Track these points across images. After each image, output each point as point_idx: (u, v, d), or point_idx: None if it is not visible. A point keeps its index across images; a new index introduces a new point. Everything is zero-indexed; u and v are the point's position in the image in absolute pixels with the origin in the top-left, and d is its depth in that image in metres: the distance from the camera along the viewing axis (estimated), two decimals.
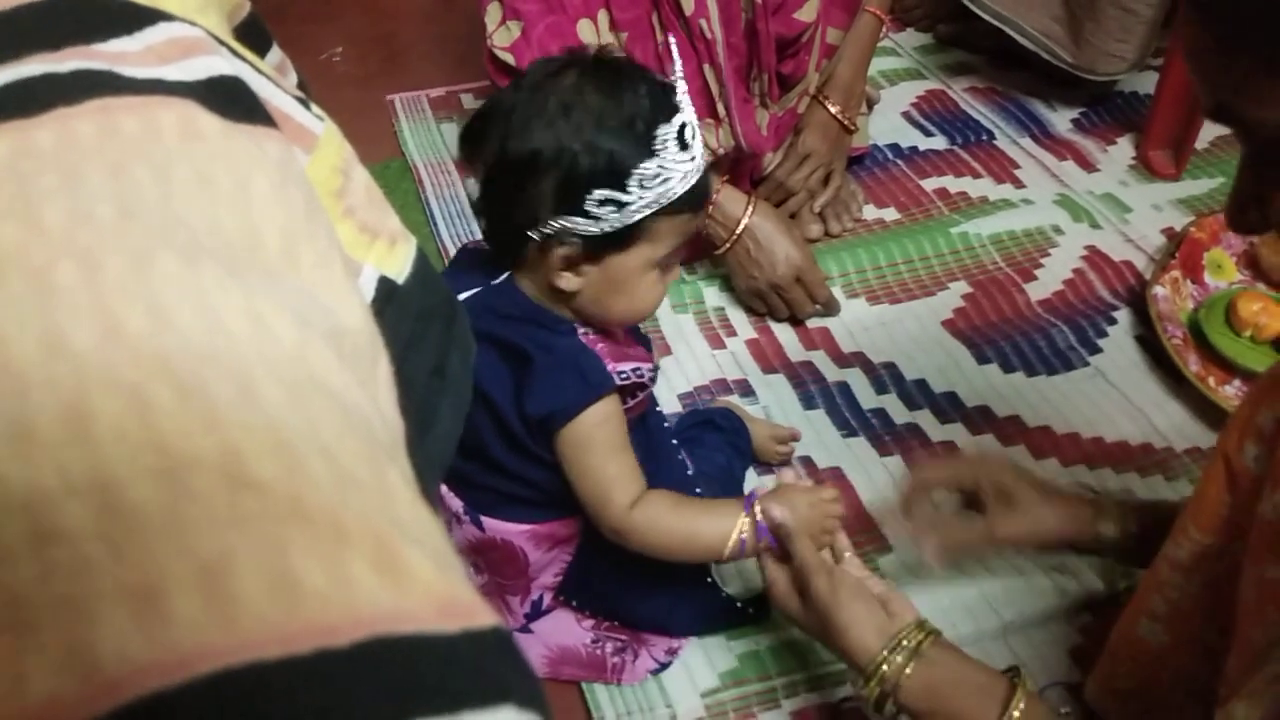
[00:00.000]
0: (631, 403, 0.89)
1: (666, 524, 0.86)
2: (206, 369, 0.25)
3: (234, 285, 0.27)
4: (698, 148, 0.81)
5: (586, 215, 0.78)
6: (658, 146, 0.78)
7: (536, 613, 0.96)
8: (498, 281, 0.87)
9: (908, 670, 0.76)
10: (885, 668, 0.76)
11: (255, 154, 0.33)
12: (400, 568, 0.24)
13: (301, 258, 0.31)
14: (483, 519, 0.90)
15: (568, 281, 0.82)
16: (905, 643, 0.77)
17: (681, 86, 0.81)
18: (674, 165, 0.79)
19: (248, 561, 0.22)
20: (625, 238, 0.81)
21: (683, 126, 0.79)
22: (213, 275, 0.27)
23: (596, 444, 0.84)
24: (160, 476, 0.23)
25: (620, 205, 0.78)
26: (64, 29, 0.35)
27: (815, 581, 0.81)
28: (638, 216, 0.79)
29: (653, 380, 0.91)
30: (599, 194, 0.78)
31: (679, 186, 0.80)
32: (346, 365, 0.28)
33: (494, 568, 0.94)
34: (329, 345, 0.28)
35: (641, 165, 0.78)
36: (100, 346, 0.24)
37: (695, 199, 0.83)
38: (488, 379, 0.83)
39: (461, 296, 0.85)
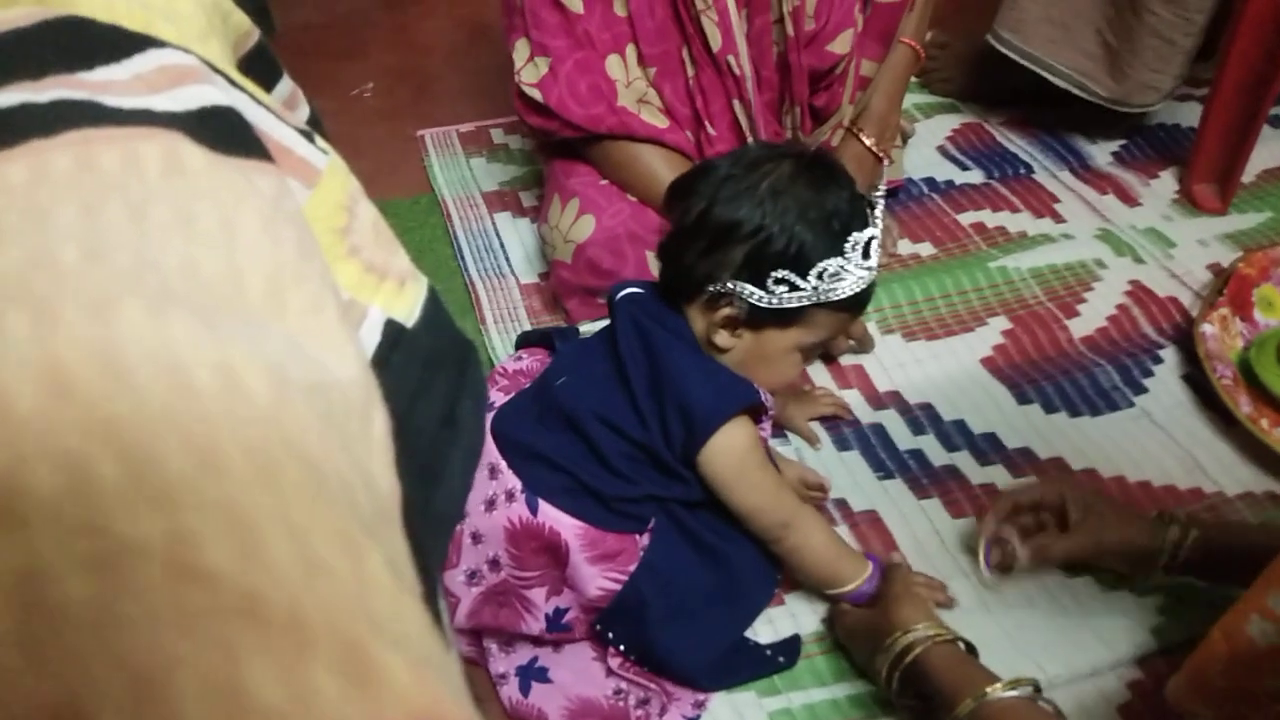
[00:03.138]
0: (763, 424, 0.96)
1: (814, 551, 0.95)
2: (162, 436, 0.22)
3: (205, 336, 0.24)
4: (875, 259, 0.89)
5: (763, 287, 0.87)
6: (846, 248, 0.87)
7: (555, 624, 0.93)
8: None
9: (931, 643, 0.84)
10: (919, 632, 0.85)
11: (244, 189, 0.30)
12: (372, 676, 0.20)
13: (289, 302, 0.28)
14: (540, 502, 0.89)
15: (724, 339, 0.91)
16: (945, 631, 0.86)
17: (880, 207, 0.91)
18: (853, 269, 0.87)
19: (190, 671, 0.19)
20: (787, 317, 0.89)
21: (871, 239, 0.88)
22: (182, 325, 0.24)
23: (749, 455, 0.91)
24: (95, 567, 0.20)
25: (794, 288, 0.87)
26: (48, 56, 0.33)
27: (893, 586, 0.92)
28: (805, 303, 0.88)
29: (770, 415, 0.98)
30: (780, 273, 0.86)
31: (850, 289, 0.88)
32: (330, 425, 0.25)
33: (523, 560, 0.91)
34: (311, 402, 0.25)
35: (825, 260, 0.86)
36: (44, 409, 0.21)
37: (859, 302, 0.91)
38: (629, 358, 0.91)
39: (625, 291, 0.95)
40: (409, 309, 0.40)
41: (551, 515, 0.89)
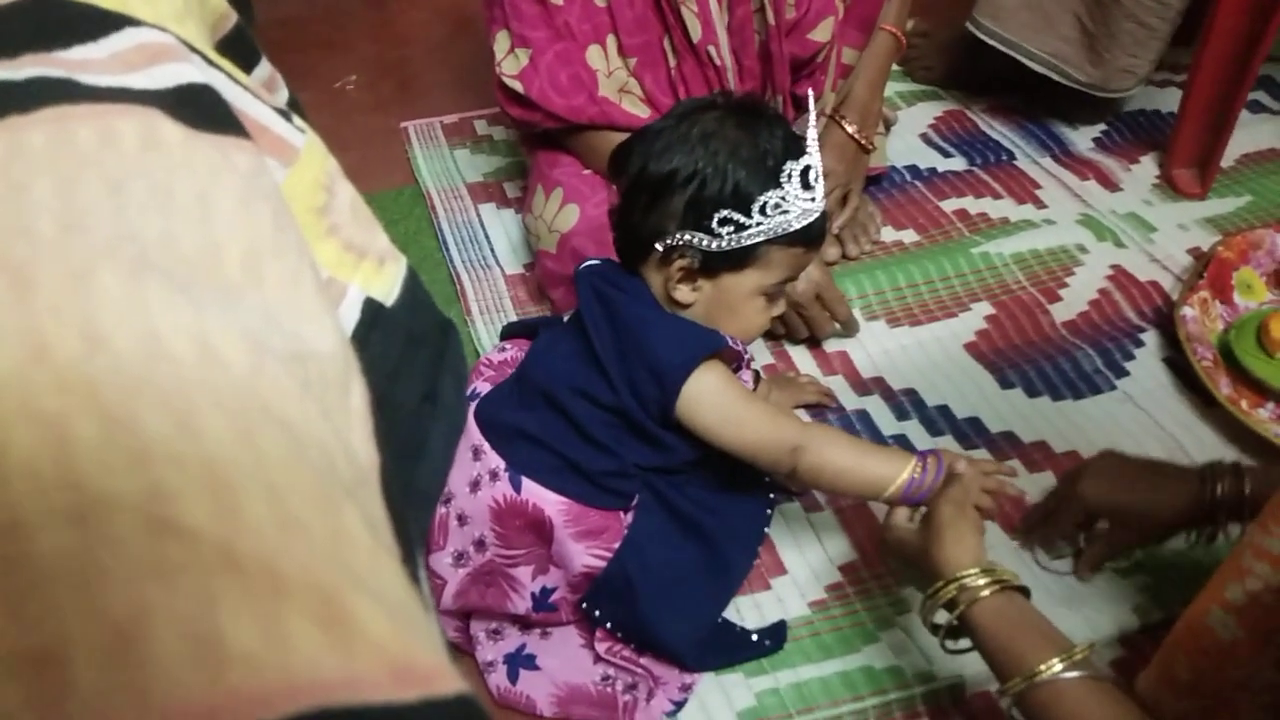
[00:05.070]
0: (741, 375, 0.95)
1: (834, 465, 0.91)
2: (139, 398, 0.22)
3: (182, 305, 0.24)
4: (819, 191, 0.89)
5: (709, 232, 0.87)
6: (782, 179, 0.86)
7: (542, 603, 0.94)
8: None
9: (986, 592, 0.79)
10: (970, 581, 0.80)
11: (221, 165, 0.30)
12: (348, 625, 0.21)
13: (266, 275, 0.28)
14: (523, 480, 0.90)
15: (683, 294, 0.91)
16: (997, 575, 0.80)
17: (811, 135, 0.88)
18: (794, 200, 0.87)
19: (167, 620, 0.19)
20: (741, 259, 0.89)
21: (807, 168, 0.87)
22: (158, 294, 0.24)
23: (725, 393, 0.90)
24: (73, 520, 0.20)
25: (740, 227, 0.87)
26: (25, 35, 0.33)
27: (944, 507, 0.85)
28: (754, 240, 0.87)
29: (748, 364, 0.98)
30: (723, 213, 0.86)
31: (796, 221, 0.88)
32: (309, 393, 0.25)
33: (509, 539, 0.92)
34: (288, 371, 0.25)
35: (765, 194, 0.86)
36: (23, 371, 0.22)
37: (810, 236, 0.90)
38: (592, 326, 0.91)
39: (585, 265, 0.96)
40: (388, 287, 0.40)
41: (535, 492, 0.90)
